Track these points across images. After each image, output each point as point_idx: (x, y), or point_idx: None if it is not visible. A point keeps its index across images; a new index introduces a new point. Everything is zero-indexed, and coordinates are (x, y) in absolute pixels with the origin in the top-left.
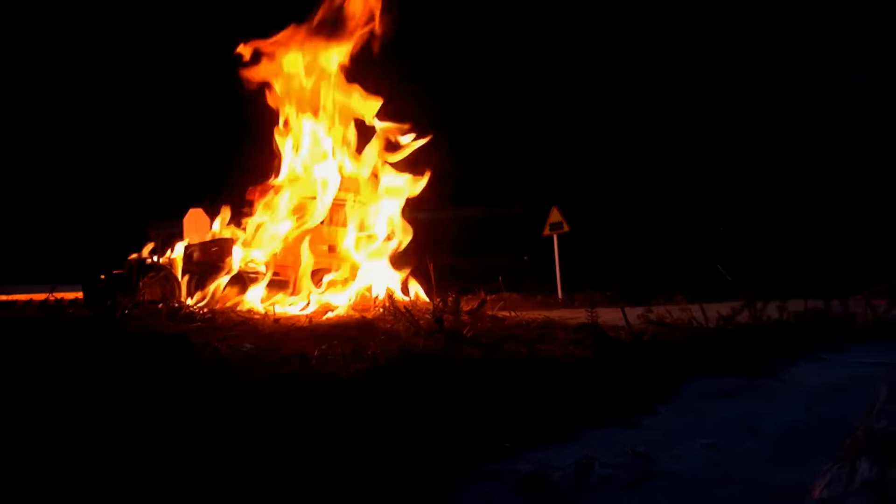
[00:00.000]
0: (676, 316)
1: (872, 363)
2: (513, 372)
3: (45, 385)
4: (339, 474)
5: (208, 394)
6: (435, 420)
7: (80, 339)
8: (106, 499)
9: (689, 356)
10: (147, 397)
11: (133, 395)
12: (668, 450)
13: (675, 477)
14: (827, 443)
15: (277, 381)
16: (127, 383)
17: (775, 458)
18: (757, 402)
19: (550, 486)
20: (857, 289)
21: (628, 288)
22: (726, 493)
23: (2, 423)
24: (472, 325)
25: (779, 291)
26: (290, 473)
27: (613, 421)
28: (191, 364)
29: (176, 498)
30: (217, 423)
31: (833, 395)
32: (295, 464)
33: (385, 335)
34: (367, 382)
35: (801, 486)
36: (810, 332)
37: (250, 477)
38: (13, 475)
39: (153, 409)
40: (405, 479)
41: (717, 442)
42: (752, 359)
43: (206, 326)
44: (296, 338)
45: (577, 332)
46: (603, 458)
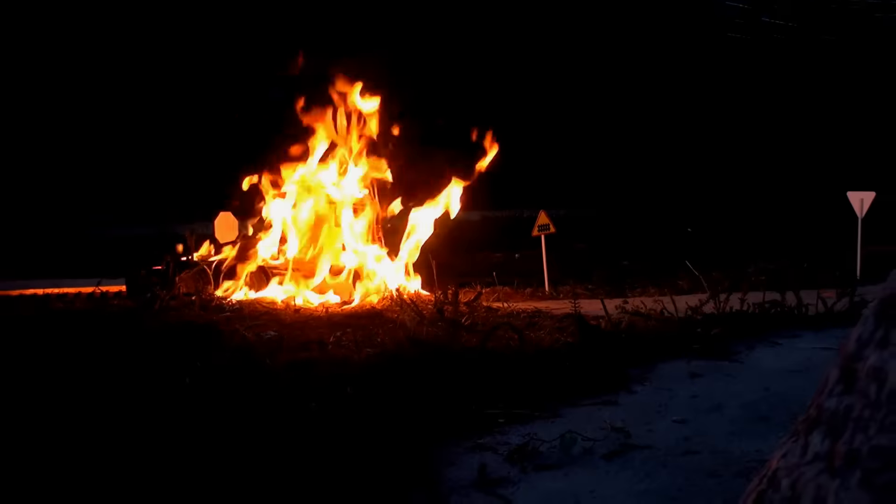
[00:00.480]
0: (650, 306)
1: (823, 348)
2: (505, 356)
3: (95, 366)
4: (352, 443)
5: (238, 373)
6: (436, 398)
7: (123, 326)
8: (150, 453)
9: (662, 342)
10: (184, 378)
11: (172, 376)
12: (643, 425)
13: (649, 448)
14: (783, 418)
15: (298, 363)
16: (165, 365)
17: (738, 431)
18: (721, 382)
19: (539, 456)
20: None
21: (607, 282)
22: (694, 462)
23: (61, 395)
24: (469, 314)
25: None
26: (310, 443)
27: (595, 399)
28: (221, 349)
29: (215, 456)
30: (247, 397)
31: (788, 377)
32: (314, 434)
33: (392, 324)
34: (377, 365)
35: (760, 456)
36: (768, 320)
37: (273, 443)
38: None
39: (190, 387)
40: (408, 451)
41: (687, 417)
42: (716, 344)
43: (234, 316)
44: (314, 326)
45: (562, 321)
46: (585, 431)
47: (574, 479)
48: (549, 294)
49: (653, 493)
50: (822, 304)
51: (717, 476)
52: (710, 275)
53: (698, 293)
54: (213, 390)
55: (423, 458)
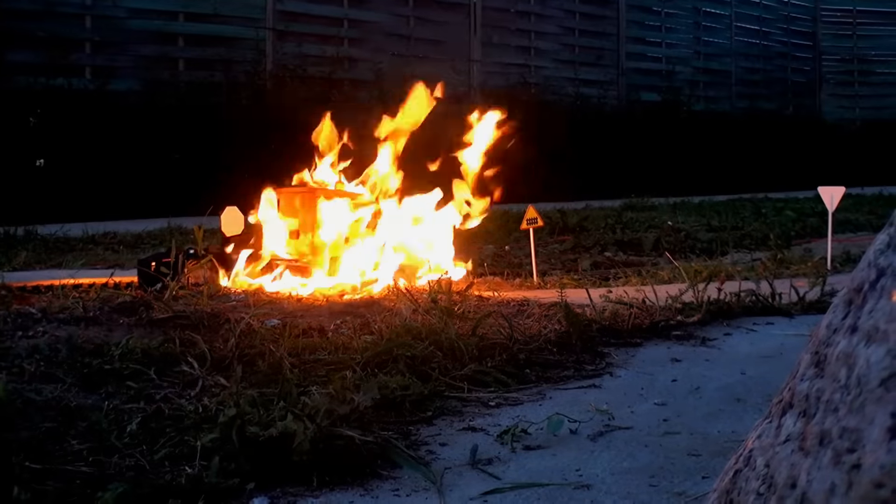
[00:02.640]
0: (632, 295)
1: (796, 335)
2: (495, 342)
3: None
4: (348, 424)
5: (244, 357)
6: (430, 381)
7: (133, 312)
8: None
9: (643, 329)
10: (191, 361)
11: (179, 359)
12: (625, 407)
13: (631, 430)
14: (758, 401)
15: (300, 347)
16: (174, 349)
17: (715, 413)
18: (700, 366)
19: (527, 437)
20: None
21: (592, 272)
22: (674, 442)
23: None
24: (461, 303)
25: (716, 274)
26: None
27: (580, 383)
28: (226, 334)
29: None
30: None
31: (763, 361)
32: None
33: (389, 312)
34: (374, 350)
35: (736, 437)
36: (743, 308)
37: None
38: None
39: (197, 370)
40: (402, 432)
41: (667, 400)
42: (695, 331)
43: (240, 304)
44: (315, 314)
45: (550, 310)
46: (571, 413)
47: (561, 459)
48: (537, 284)
49: (635, 472)
50: (794, 294)
51: (695, 455)
52: (690, 265)
53: (678, 283)
54: (217, 371)
55: (418, 439)
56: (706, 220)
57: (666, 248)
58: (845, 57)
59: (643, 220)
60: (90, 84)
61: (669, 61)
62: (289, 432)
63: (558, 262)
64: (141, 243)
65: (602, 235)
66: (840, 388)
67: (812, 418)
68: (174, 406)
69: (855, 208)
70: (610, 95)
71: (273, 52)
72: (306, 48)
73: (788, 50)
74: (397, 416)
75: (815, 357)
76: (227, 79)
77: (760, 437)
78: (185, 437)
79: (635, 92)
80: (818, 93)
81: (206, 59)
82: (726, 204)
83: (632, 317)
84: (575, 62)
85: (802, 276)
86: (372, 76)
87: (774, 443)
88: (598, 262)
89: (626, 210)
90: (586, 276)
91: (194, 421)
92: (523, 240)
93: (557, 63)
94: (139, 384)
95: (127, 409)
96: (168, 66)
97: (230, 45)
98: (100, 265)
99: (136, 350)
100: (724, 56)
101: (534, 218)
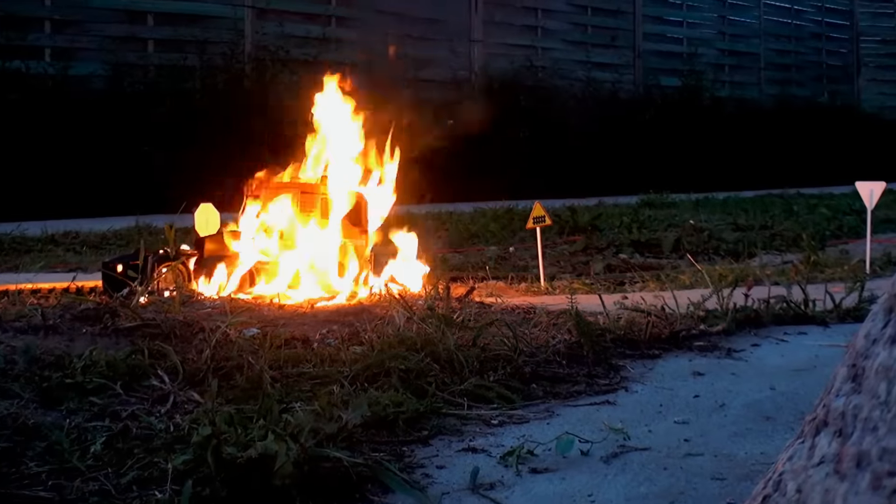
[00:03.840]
0: (650, 302)
1: (831, 345)
2: (498, 354)
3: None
4: (338, 445)
5: (220, 370)
6: (426, 397)
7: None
8: None
9: (663, 339)
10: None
11: (148, 372)
12: (642, 426)
13: (649, 451)
14: (789, 419)
15: (282, 359)
16: (142, 361)
17: (742, 432)
18: (725, 381)
19: (534, 458)
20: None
21: (606, 276)
22: (696, 464)
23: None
24: (461, 310)
25: (743, 278)
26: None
27: (592, 399)
28: (201, 345)
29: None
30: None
31: (794, 375)
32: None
33: (381, 320)
34: (364, 363)
35: (765, 459)
36: (773, 315)
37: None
38: None
39: (168, 384)
40: (396, 454)
41: (689, 418)
42: (719, 342)
43: (216, 312)
44: (298, 322)
45: (558, 318)
46: (582, 433)
47: (571, 483)
48: (544, 289)
49: (653, 497)
50: (830, 300)
51: (720, 479)
52: (713, 268)
53: (700, 288)
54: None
55: (412, 461)
56: (732, 218)
57: (687, 249)
58: (886, 38)
59: (662, 219)
60: (50, 67)
61: (691, 42)
62: (270, 453)
63: (568, 264)
64: (106, 244)
65: (616, 235)
66: (880, 404)
67: (849, 438)
68: (143, 424)
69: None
70: (625, 80)
71: (252, 32)
72: (289, 28)
73: (823, 30)
74: (390, 436)
75: (853, 370)
76: (202, 62)
77: (792, 459)
78: (155, 458)
79: (653, 76)
80: (856, 78)
81: (178, 39)
82: (754, 200)
83: (649, 326)
84: (587, 43)
85: (838, 280)
86: (362, 59)
87: (807, 465)
88: (613, 265)
89: (644, 207)
90: (599, 281)
91: (165, 441)
92: (529, 240)
93: (567, 44)
94: (104, 400)
95: (90, 428)
96: (136, 48)
97: (205, 25)
98: (60, 268)
99: (101, 362)
100: (751, 37)
101: (541, 216)
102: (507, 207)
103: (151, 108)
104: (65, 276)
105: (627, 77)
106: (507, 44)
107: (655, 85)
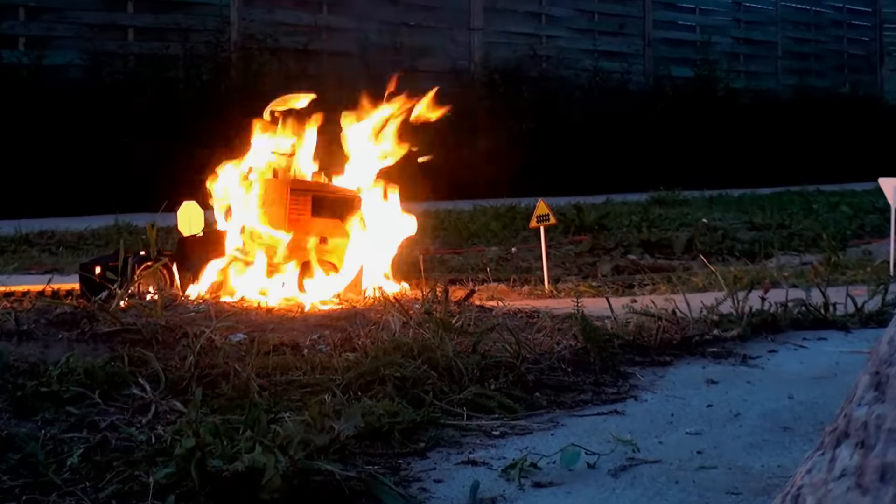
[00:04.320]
0: (661, 306)
1: (852, 352)
2: (500, 360)
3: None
4: (329, 457)
5: (205, 378)
6: (423, 407)
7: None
8: None
9: (674, 345)
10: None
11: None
12: (653, 437)
13: (660, 463)
14: (808, 429)
15: (270, 366)
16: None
17: (758, 444)
18: (740, 389)
19: (537, 472)
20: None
21: (614, 278)
22: (709, 478)
23: None
24: (460, 315)
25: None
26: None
27: (599, 408)
28: (184, 351)
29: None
30: (214, 402)
31: (814, 383)
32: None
33: (375, 325)
34: (358, 370)
35: (782, 472)
36: (791, 320)
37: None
38: None
39: (150, 393)
40: (391, 467)
41: (702, 429)
42: (735, 347)
43: (200, 316)
44: (287, 327)
45: (563, 322)
46: (589, 444)
47: (577, 497)
48: (548, 292)
49: None
50: (851, 304)
51: (735, 494)
52: (728, 270)
53: (714, 291)
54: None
55: (409, 475)
56: (747, 216)
57: (700, 249)
58: None
59: (673, 218)
60: (24, 57)
61: (704, 30)
62: (257, 466)
63: (574, 266)
64: (84, 244)
65: (625, 235)
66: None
67: (871, 450)
68: (122, 435)
69: None
70: (634, 70)
71: (239, 18)
72: (278, 15)
73: (844, 17)
74: (385, 448)
75: (876, 378)
76: (185, 50)
77: (811, 472)
78: (136, 471)
79: (664, 66)
80: (879, 68)
81: (160, 27)
82: (771, 198)
83: (660, 331)
84: (593, 31)
85: (860, 283)
86: (355, 48)
87: (827, 479)
88: (621, 267)
89: (654, 205)
90: (606, 283)
91: (146, 453)
92: (532, 240)
93: (573, 32)
94: (81, 409)
95: (67, 439)
96: (115, 36)
97: (188, 11)
98: (35, 270)
99: (78, 369)
100: (768, 24)
101: (545, 215)
102: (509, 205)
103: (132, 100)
104: (40, 278)
105: (637, 67)
106: (508, 32)
107: (666, 75)
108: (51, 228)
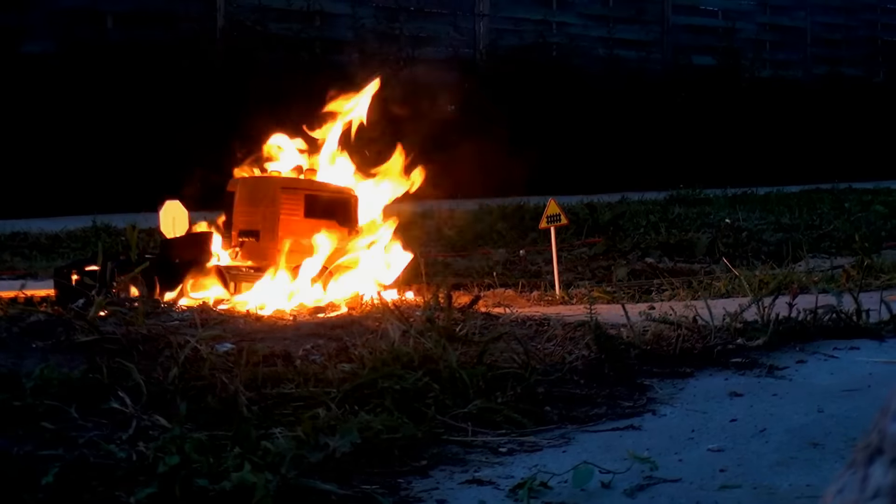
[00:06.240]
0: (680, 313)
1: (887, 362)
2: (507, 372)
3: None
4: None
5: (190, 391)
6: (425, 422)
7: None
8: None
9: (695, 355)
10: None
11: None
12: (672, 454)
13: (680, 482)
14: (839, 445)
15: (260, 378)
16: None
17: (785, 461)
18: (765, 402)
19: (547, 492)
20: None
21: (630, 283)
22: (733, 497)
23: None
24: (464, 323)
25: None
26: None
27: (614, 423)
28: (167, 362)
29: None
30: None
31: (845, 396)
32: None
33: (372, 334)
34: (354, 382)
35: (811, 491)
36: (821, 328)
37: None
38: None
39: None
40: (391, 487)
41: (724, 445)
42: (760, 357)
43: (184, 324)
44: (279, 336)
45: (576, 330)
46: (603, 462)
47: None
48: (559, 298)
49: None
50: (885, 310)
51: None
52: (753, 274)
53: (738, 296)
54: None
55: (409, 495)
56: (774, 216)
57: (723, 252)
58: None
59: (694, 218)
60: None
61: (727, 16)
62: (246, 485)
63: (587, 270)
64: (59, 247)
65: (642, 236)
66: None
67: None
68: (101, 453)
69: None
70: (652, 59)
71: (226, 4)
72: (268, 0)
73: (878, 1)
74: (383, 465)
75: None
76: (168, 38)
77: (842, 492)
78: (116, 491)
79: (684, 55)
80: None
81: (142, 13)
82: (799, 196)
83: (680, 339)
84: (608, 17)
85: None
86: (351, 35)
87: (859, 499)
88: (638, 271)
89: (673, 204)
90: (622, 288)
91: (127, 471)
92: (542, 242)
93: (586, 18)
94: (57, 425)
95: (42, 457)
96: (93, 23)
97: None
98: (7, 275)
99: (54, 382)
100: (796, 9)
101: (556, 215)
102: (517, 204)
103: (110, 93)
104: (12, 283)
105: (655, 56)
106: (516, 18)
107: (687, 65)
108: (24, 230)
